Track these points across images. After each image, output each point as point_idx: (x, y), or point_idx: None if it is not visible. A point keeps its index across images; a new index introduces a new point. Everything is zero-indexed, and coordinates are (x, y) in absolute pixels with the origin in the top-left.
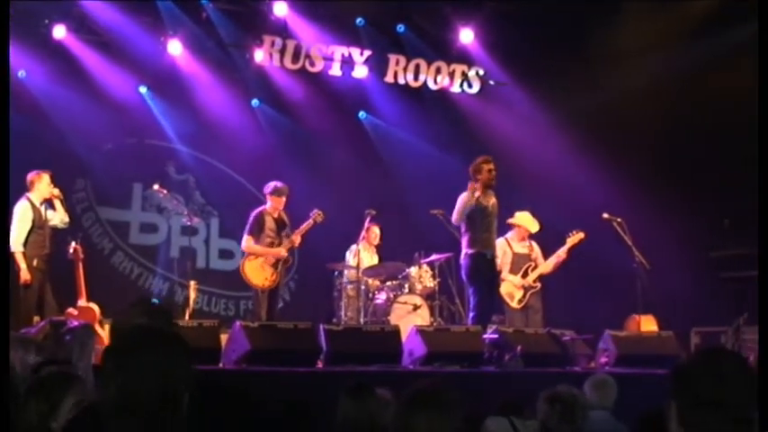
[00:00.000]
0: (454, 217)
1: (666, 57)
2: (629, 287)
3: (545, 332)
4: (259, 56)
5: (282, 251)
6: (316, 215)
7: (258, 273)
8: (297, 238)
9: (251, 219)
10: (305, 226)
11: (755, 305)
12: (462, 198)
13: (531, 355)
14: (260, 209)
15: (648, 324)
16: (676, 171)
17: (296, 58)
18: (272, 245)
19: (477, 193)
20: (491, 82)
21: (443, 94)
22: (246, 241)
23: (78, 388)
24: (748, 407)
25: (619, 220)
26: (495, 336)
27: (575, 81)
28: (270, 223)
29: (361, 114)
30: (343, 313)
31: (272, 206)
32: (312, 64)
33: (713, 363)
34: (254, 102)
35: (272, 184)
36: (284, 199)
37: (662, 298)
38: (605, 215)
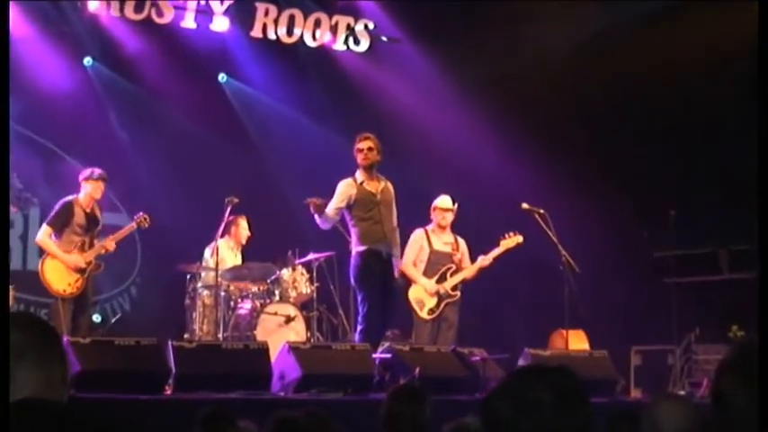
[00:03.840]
0: (320, 224)
1: (596, 13)
2: (554, 294)
3: (449, 351)
4: (93, 5)
5: (80, 261)
6: (140, 219)
7: (60, 275)
8: (111, 244)
9: (56, 208)
10: (124, 230)
11: (711, 317)
12: (339, 188)
13: (432, 380)
14: (69, 198)
15: (578, 341)
16: (610, 152)
17: (139, 7)
18: (81, 245)
19: (361, 178)
20: (383, 38)
21: (324, 52)
22: (44, 233)
23: None
24: None
25: (541, 211)
26: (388, 355)
27: (484, 39)
28: (79, 217)
29: (222, 77)
30: (197, 326)
31: (86, 197)
32: (160, 14)
33: (521, 389)
34: (87, 60)
35: (88, 170)
36: (102, 187)
37: (594, 308)
38: (524, 205)
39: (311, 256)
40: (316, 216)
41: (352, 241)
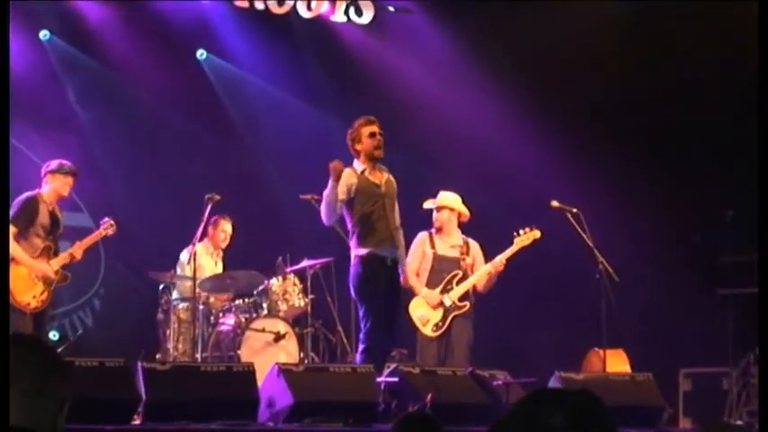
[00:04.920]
0: (323, 211)
1: None
2: (589, 308)
3: (467, 373)
4: None
5: (50, 270)
6: (107, 226)
7: (25, 286)
8: (78, 252)
9: (19, 203)
10: (92, 237)
11: None
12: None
13: (446, 407)
14: (32, 193)
15: (618, 362)
16: (654, 142)
17: None
18: (46, 251)
19: (362, 167)
20: (389, 8)
21: (321, 24)
22: (9, 234)
23: None
24: None
25: (574, 210)
26: (395, 378)
27: (508, 13)
28: (44, 216)
29: (201, 54)
30: (171, 345)
31: (51, 193)
32: None
33: (532, 414)
34: (43, 34)
35: (55, 162)
36: (71, 183)
37: (637, 324)
38: (554, 203)
39: (305, 263)
40: (321, 205)
41: (352, 244)
